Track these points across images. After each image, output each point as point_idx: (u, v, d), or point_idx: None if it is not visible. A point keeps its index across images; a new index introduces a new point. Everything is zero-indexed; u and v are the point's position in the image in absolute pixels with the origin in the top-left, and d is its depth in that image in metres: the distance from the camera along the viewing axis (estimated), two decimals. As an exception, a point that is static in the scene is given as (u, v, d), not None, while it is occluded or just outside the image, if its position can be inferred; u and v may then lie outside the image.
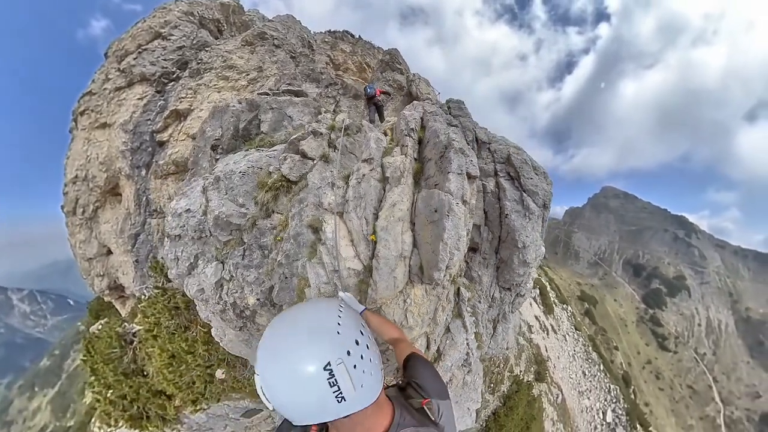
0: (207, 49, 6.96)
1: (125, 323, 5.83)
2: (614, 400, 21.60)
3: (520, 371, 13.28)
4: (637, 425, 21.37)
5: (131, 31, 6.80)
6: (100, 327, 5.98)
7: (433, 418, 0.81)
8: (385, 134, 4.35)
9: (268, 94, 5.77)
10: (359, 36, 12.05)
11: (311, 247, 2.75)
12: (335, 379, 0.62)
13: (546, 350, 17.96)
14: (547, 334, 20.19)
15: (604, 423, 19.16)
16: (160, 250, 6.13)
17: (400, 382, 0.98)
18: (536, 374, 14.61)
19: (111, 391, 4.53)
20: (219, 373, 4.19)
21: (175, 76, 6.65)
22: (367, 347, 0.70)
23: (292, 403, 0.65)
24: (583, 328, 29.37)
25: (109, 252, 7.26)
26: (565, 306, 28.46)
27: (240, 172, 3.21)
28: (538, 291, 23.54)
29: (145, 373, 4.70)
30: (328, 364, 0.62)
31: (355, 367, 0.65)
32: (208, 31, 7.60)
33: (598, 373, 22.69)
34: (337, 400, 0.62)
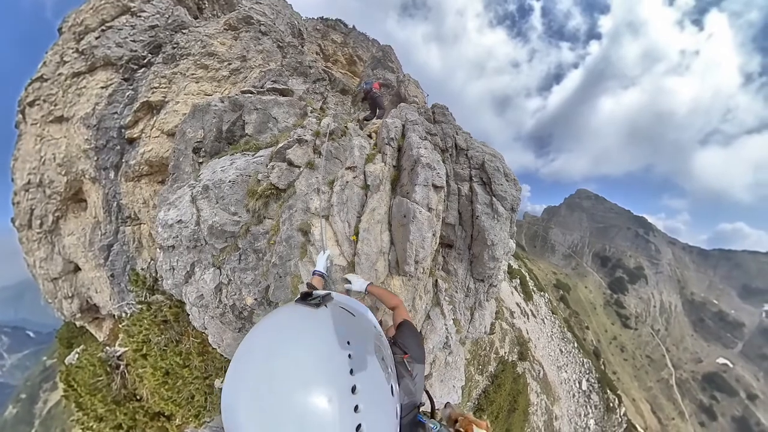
0: (184, 31, 5.87)
1: (106, 347, 5.36)
2: (587, 372, 24.16)
3: (505, 353, 14.37)
4: (608, 390, 24.12)
5: (92, 2, 5.54)
6: (77, 356, 5.45)
7: (409, 370, 0.93)
8: (371, 137, 4.56)
9: (252, 93, 5.42)
10: (353, 26, 11.35)
11: (302, 247, 2.97)
12: None
13: (527, 333, 19.53)
14: (528, 318, 21.91)
15: (581, 391, 21.55)
16: (139, 261, 5.72)
17: (390, 338, 1.11)
18: (519, 354, 15.80)
19: (103, 423, 4.21)
20: (218, 383, 4.09)
21: (146, 61, 5.55)
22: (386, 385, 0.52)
23: None
24: (558, 312, 32.06)
25: (77, 268, 6.31)
26: (542, 293, 30.85)
27: (229, 181, 3.28)
28: (518, 281, 25.33)
29: (138, 397, 4.43)
30: None
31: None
32: (186, 8, 6.41)
33: (573, 350, 25.13)
34: None
